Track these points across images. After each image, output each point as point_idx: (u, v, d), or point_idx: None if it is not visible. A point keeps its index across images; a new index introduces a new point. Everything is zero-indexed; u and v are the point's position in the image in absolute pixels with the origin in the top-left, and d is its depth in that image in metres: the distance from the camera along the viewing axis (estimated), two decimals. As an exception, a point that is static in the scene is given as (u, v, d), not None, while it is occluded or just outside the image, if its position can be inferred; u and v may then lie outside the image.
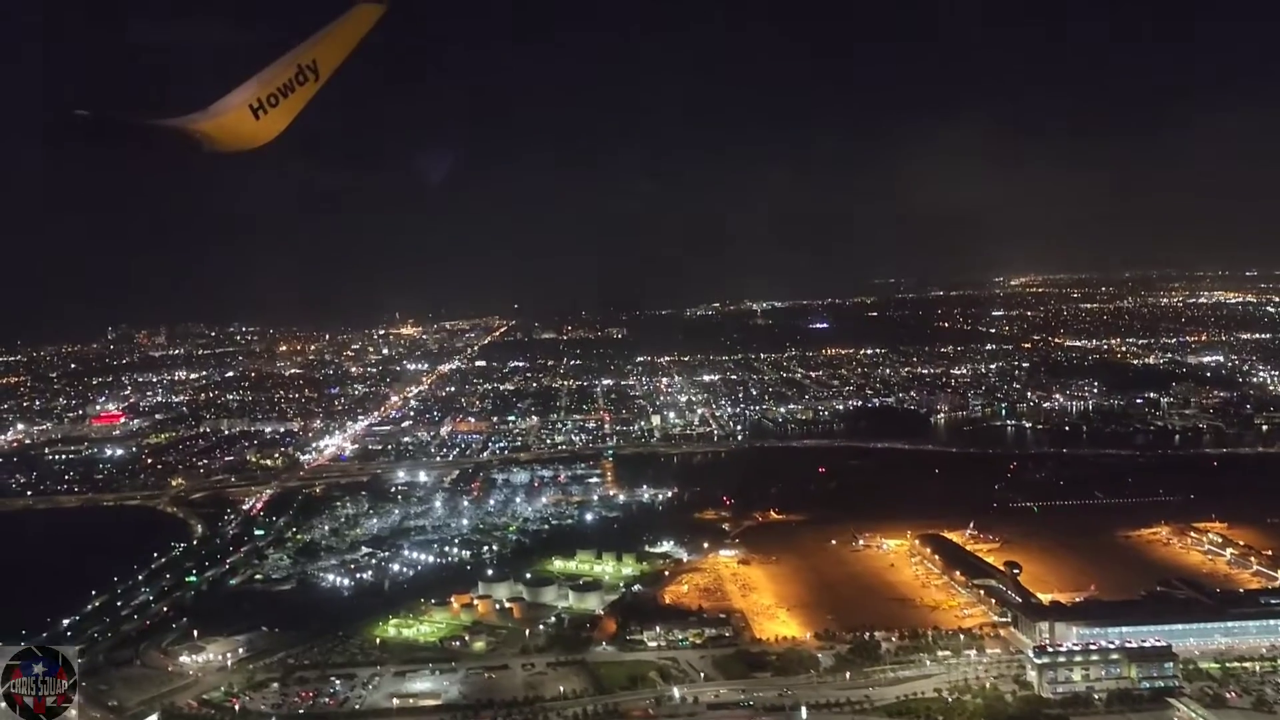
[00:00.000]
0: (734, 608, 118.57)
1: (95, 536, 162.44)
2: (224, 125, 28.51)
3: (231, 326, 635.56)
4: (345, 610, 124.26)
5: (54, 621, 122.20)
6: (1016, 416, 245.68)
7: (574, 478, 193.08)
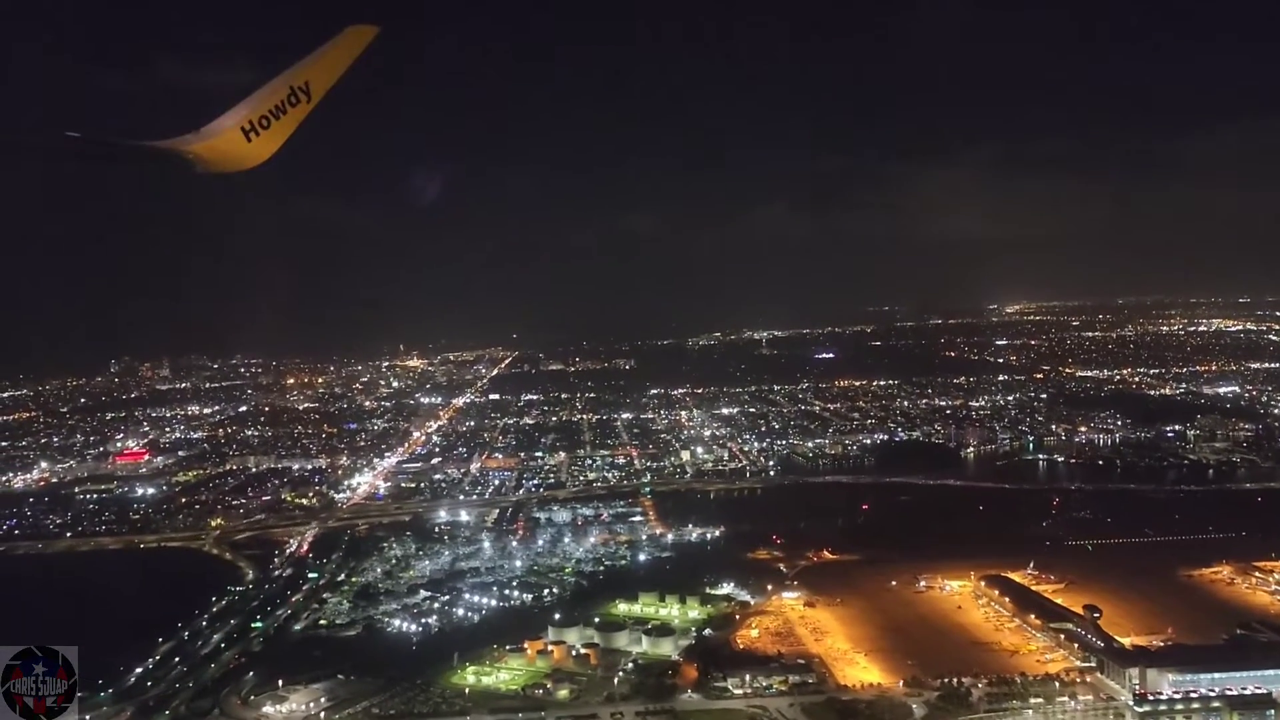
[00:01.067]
0: (810, 652, 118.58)
1: (146, 580, 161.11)
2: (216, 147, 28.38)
3: (234, 359, 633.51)
4: (415, 656, 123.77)
5: (126, 670, 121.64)
6: (1046, 450, 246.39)
7: (616, 516, 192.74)
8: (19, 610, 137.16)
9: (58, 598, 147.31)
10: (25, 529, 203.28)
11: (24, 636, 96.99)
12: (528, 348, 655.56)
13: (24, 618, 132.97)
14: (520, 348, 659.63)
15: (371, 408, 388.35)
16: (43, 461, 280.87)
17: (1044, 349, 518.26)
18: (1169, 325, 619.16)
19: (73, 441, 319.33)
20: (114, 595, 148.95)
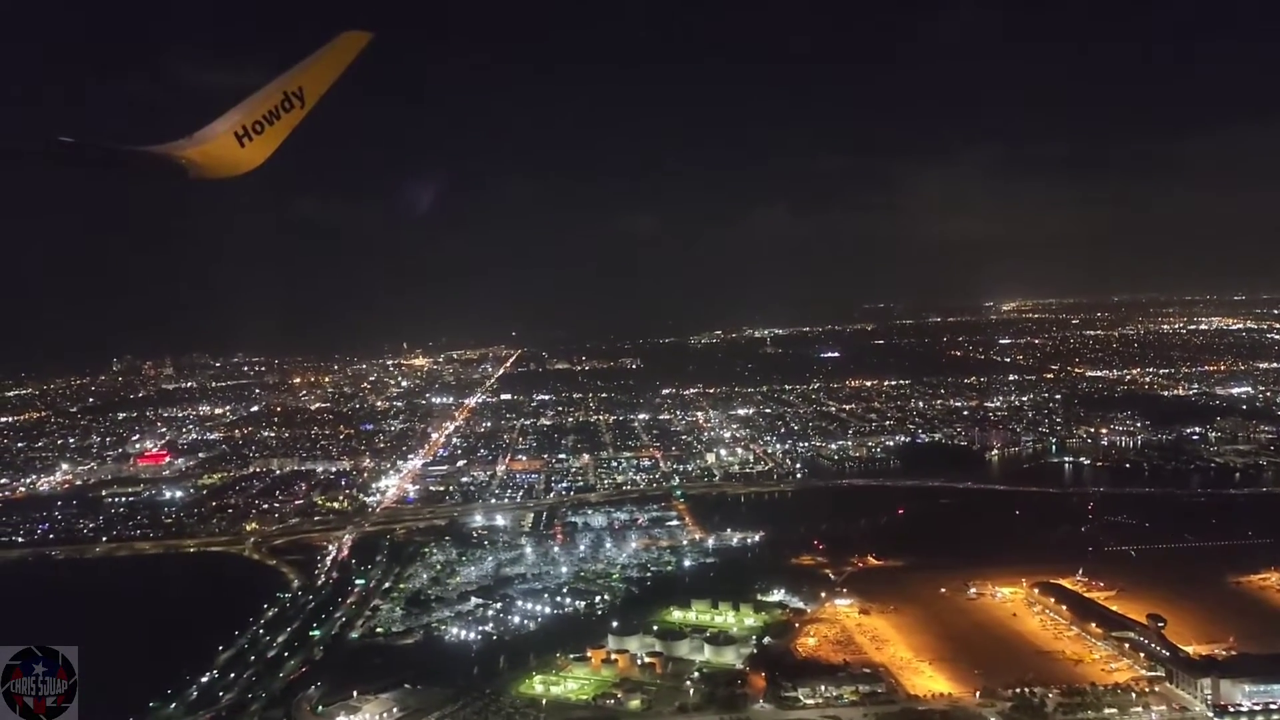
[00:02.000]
0: (874, 661, 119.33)
1: (193, 585, 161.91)
2: (209, 152, 28.45)
3: (235, 357, 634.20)
4: (478, 665, 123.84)
5: (191, 679, 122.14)
6: (1069, 452, 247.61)
7: (653, 520, 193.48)
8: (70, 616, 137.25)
9: (107, 604, 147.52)
10: (59, 533, 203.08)
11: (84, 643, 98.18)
12: (528, 346, 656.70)
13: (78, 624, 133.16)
14: (521, 346, 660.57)
15: (384, 408, 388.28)
16: (64, 463, 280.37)
17: (1049, 348, 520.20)
18: (1169, 324, 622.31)
19: (89, 443, 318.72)
20: (163, 601, 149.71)
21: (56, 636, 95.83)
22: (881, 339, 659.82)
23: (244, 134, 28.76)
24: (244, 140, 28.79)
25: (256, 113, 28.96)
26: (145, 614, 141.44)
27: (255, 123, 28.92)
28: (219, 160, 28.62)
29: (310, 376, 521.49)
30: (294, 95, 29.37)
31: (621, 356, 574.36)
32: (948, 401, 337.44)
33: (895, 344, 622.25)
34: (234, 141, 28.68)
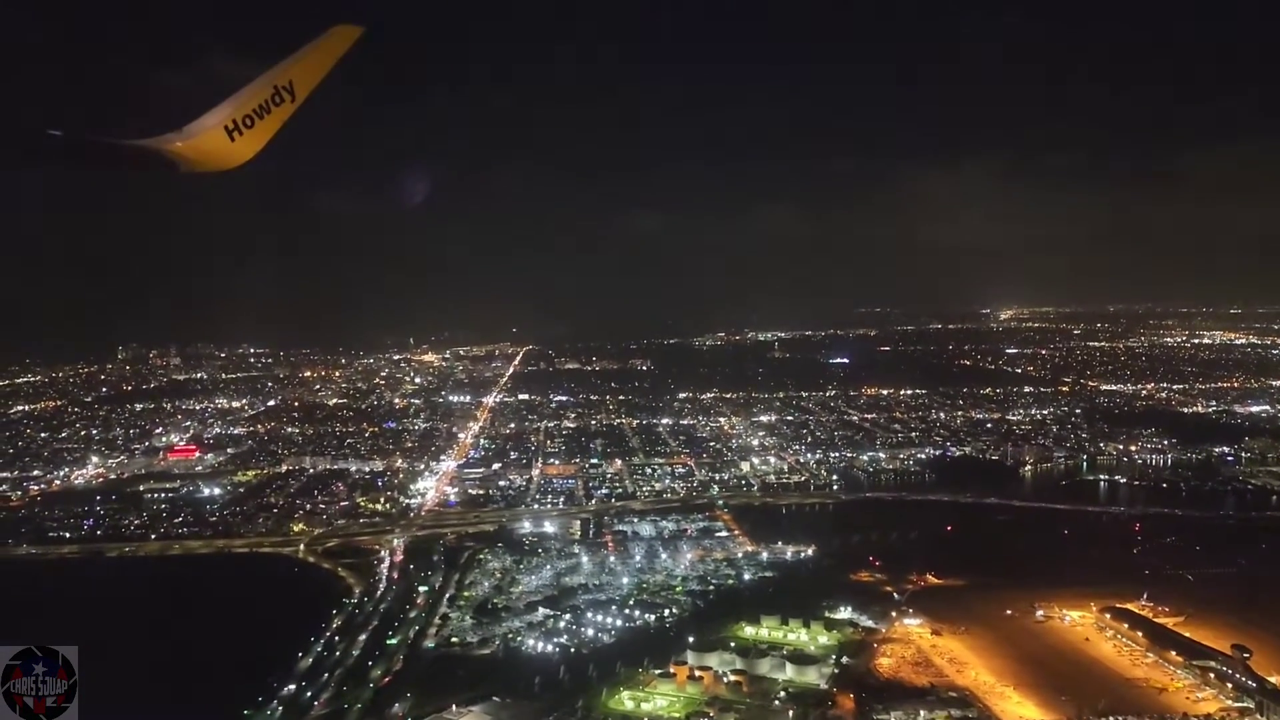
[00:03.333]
0: (958, 685, 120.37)
1: (255, 588, 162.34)
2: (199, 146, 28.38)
3: (240, 348, 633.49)
4: (560, 678, 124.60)
5: (279, 686, 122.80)
6: (1101, 470, 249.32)
7: (701, 531, 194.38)
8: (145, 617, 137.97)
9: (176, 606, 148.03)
10: (106, 530, 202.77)
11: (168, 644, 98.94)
12: (530, 343, 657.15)
13: (157, 625, 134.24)
14: (525, 343, 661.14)
15: (402, 405, 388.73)
16: (93, 456, 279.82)
17: (1057, 360, 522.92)
18: (1172, 337, 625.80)
19: (113, 435, 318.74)
20: (232, 604, 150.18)
21: (143, 637, 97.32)
22: (887, 345, 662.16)
23: (234, 128, 28.75)
24: (234, 134, 28.79)
25: (247, 107, 28.97)
26: (219, 617, 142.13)
27: (246, 117, 28.93)
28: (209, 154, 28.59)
29: (320, 370, 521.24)
30: (284, 89, 29.42)
31: (627, 357, 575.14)
32: (968, 413, 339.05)
33: (902, 351, 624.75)
34: (224, 136, 28.69)
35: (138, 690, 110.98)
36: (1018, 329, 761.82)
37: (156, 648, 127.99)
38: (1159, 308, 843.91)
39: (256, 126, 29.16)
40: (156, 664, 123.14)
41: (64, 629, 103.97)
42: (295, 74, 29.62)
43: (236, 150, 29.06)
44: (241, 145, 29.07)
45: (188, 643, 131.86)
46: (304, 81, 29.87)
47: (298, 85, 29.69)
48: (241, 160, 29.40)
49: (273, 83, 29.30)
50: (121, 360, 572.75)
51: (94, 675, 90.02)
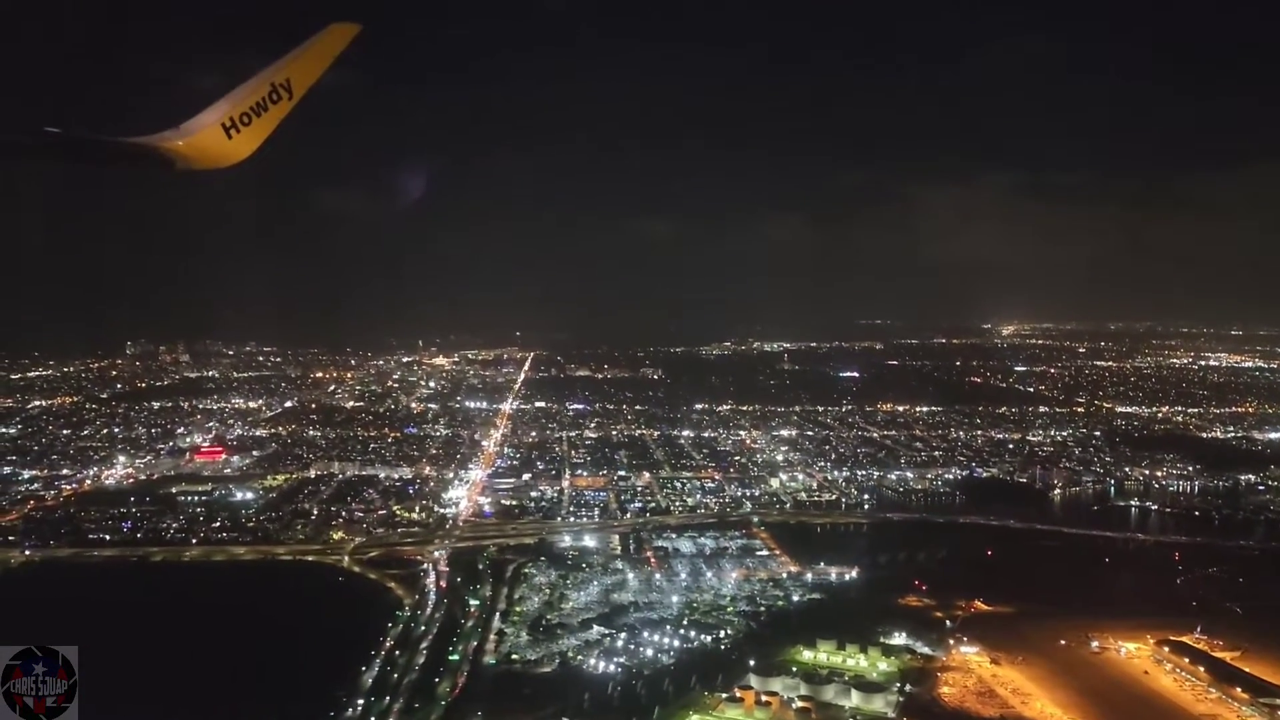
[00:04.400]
0: (1025, 717, 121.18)
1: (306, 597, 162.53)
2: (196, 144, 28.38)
3: (248, 347, 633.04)
4: (625, 699, 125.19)
5: (348, 699, 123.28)
6: (1132, 496, 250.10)
7: (742, 549, 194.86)
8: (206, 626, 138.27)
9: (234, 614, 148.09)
10: (145, 533, 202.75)
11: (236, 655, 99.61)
12: (534, 348, 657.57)
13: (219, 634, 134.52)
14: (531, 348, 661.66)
15: (419, 410, 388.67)
16: (120, 455, 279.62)
17: (1067, 379, 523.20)
18: (1177, 358, 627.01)
19: (135, 433, 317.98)
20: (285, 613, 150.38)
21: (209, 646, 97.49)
22: (894, 360, 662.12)
23: (231, 126, 28.79)
24: (231, 132, 28.82)
25: (244, 104, 29.03)
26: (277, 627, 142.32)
27: (243, 114, 28.97)
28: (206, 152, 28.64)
29: (332, 372, 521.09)
30: (281, 87, 29.44)
31: (641, 366, 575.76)
32: (988, 433, 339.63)
33: (910, 366, 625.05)
34: (221, 133, 28.74)
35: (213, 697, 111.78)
36: (1022, 346, 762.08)
37: (222, 656, 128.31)
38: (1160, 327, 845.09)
39: (254, 124, 29.21)
40: (225, 673, 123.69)
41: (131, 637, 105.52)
42: (293, 71, 29.64)
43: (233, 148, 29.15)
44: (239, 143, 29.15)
45: (250, 653, 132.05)
46: (301, 79, 29.91)
47: (295, 83, 29.74)
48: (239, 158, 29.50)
49: (270, 80, 29.35)
50: (131, 356, 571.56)
51: (171, 682, 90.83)
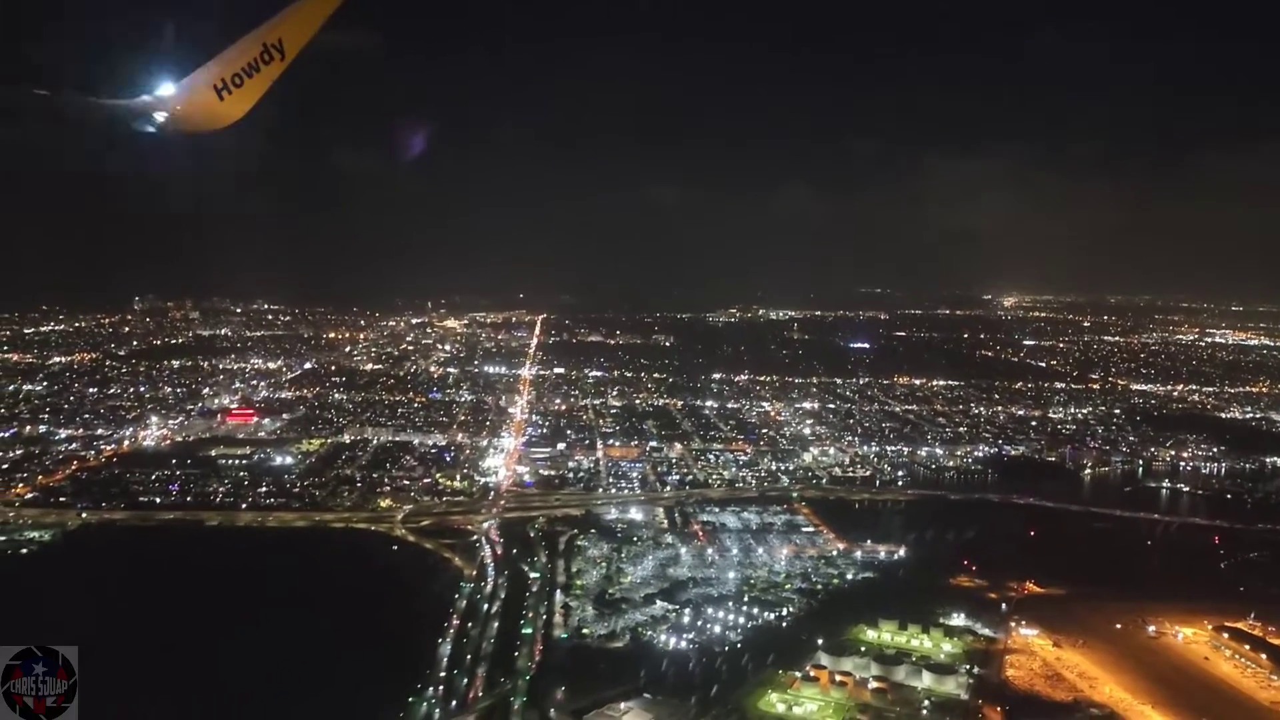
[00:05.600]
0: (1097, 701, 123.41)
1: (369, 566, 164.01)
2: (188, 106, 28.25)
3: (255, 304, 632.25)
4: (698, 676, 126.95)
5: (431, 673, 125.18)
6: (1161, 477, 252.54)
7: (788, 525, 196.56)
8: (281, 594, 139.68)
9: (307, 583, 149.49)
10: (195, 497, 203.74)
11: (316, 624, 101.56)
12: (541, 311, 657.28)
13: (296, 603, 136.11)
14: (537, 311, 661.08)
15: (439, 374, 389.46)
16: (152, 416, 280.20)
17: (1076, 354, 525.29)
18: (1183, 334, 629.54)
19: (162, 393, 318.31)
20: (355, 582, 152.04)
21: (288, 614, 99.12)
22: (901, 331, 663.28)
23: (223, 87, 28.58)
24: (223, 94, 28.62)
25: (235, 65, 28.76)
26: (349, 596, 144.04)
27: (234, 75, 28.71)
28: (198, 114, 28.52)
29: (345, 332, 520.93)
30: (273, 47, 29.11)
31: (651, 332, 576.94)
32: (1009, 409, 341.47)
33: (918, 338, 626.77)
34: (213, 95, 28.56)
35: (301, 663, 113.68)
36: (1026, 319, 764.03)
37: (303, 623, 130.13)
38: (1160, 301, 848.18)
39: (246, 85, 28.97)
40: (309, 640, 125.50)
41: (213, 603, 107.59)
42: (285, 31, 29.30)
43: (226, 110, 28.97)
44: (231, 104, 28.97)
45: (328, 621, 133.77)
46: (294, 39, 29.57)
47: (287, 43, 29.40)
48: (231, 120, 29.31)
49: (261, 40, 29.11)
50: (141, 312, 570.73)
51: (260, 647, 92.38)
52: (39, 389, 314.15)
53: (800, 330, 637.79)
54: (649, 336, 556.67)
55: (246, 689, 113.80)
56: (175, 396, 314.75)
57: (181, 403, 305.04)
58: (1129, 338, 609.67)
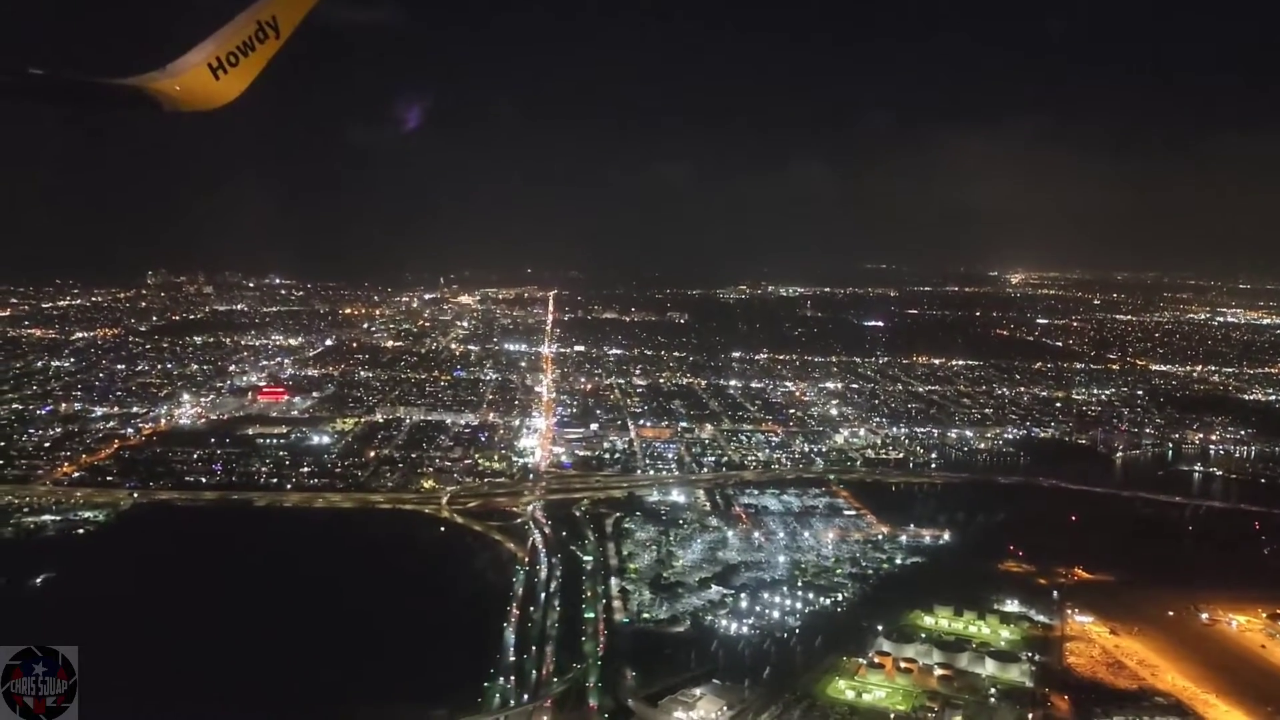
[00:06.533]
0: (1161, 690, 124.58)
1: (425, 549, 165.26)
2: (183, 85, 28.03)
3: (267, 279, 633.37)
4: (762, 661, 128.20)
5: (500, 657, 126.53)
6: (1192, 460, 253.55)
7: (829, 509, 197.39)
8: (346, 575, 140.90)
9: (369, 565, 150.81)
10: (239, 476, 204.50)
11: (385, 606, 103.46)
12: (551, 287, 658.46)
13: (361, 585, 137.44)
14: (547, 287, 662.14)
15: (460, 352, 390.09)
16: (184, 394, 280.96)
17: (1091, 332, 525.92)
18: (1194, 313, 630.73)
19: (189, 370, 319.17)
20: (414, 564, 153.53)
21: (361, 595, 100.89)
22: (913, 309, 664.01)
23: (218, 66, 28.52)
24: (219, 72, 28.55)
25: (230, 44, 28.72)
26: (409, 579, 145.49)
27: (230, 54, 28.66)
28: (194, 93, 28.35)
29: (360, 308, 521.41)
30: (268, 25, 29.05)
31: (664, 310, 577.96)
32: (1031, 390, 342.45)
33: (930, 316, 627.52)
34: (209, 74, 28.48)
35: (378, 648, 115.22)
36: (1036, 296, 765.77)
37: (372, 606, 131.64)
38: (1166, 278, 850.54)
39: (241, 64, 28.95)
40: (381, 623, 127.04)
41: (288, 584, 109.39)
42: (279, 9, 29.34)
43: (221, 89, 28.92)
44: (226, 84, 28.93)
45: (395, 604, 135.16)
46: (288, 17, 29.60)
47: (282, 20, 29.41)
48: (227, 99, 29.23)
49: (256, 18, 29.10)
50: (155, 286, 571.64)
51: (342, 627, 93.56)
52: (67, 365, 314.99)
53: (813, 308, 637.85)
54: (663, 314, 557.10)
55: (329, 670, 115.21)
56: (203, 374, 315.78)
57: (210, 380, 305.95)
58: (1141, 316, 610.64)
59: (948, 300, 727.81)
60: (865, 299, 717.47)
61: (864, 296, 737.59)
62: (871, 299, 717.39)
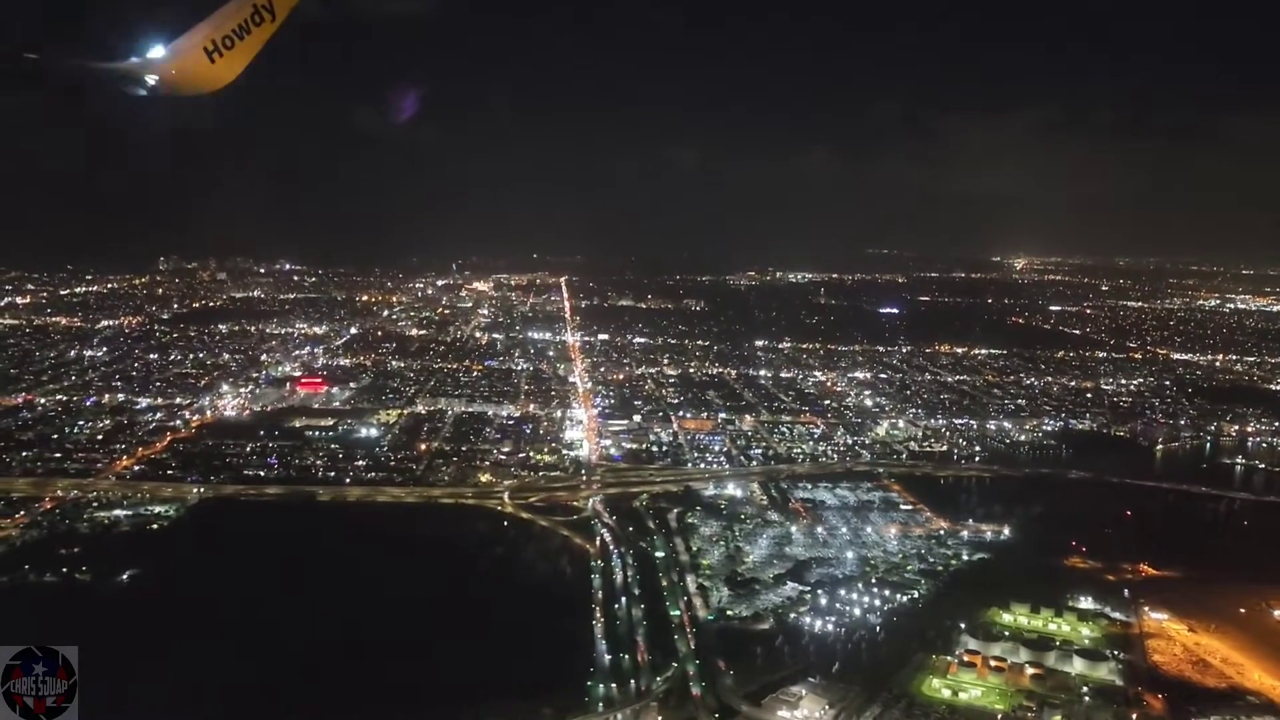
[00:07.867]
0: (1247, 688, 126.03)
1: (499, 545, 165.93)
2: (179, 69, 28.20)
3: (279, 264, 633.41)
4: (851, 659, 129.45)
5: (594, 655, 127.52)
6: (1231, 452, 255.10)
7: (885, 503, 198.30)
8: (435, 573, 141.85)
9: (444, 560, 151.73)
10: (296, 471, 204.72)
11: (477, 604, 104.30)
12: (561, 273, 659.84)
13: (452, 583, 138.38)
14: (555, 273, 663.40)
15: (485, 341, 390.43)
16: (223, 385, 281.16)
17: (1106, 320, 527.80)
18: (1203, 299, 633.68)
19: (222, 360, 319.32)
20: (493, 562, 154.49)
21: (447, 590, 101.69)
22: (925, 295, 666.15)
23: (214, 49, 28.66)
24: (214, 56, 28.69)
25: (226, 27, 28.80)
26: (493, 576, 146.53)
27: (225, 38, 28.73)
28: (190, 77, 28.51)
29: (377, 295, 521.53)
30: (264, 8, 29.19)
31: (679, 297, 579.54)
32: (1059, 380, 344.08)
33: (944, 303, 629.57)
34: (204, 57, 28.62)
35: (476, 644, 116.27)
36: (1043, 282, 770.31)
37: (460, 602, 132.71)
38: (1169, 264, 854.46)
39: (237, 47, 29.03)
40: (474, 618, 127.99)
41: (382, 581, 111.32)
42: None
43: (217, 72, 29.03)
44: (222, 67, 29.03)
45: (482, 602, 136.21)
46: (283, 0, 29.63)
47: (277, 3, 29.47)
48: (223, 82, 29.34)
49: (251, 1, 29.16)
50: (169, 273, 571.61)
51: (438, 621, 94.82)
52: (100, 355, 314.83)
53: (826, 295, 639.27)
54: (679, 301, 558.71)
55: (431, 668, 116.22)
56: (237, 363, 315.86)
57: (245, 370, 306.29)
58: (1151, 303, 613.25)
59: (957, 286, 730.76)
60: (874, 285, 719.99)
61: (873, 283, 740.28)
62: (883, 286, 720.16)
